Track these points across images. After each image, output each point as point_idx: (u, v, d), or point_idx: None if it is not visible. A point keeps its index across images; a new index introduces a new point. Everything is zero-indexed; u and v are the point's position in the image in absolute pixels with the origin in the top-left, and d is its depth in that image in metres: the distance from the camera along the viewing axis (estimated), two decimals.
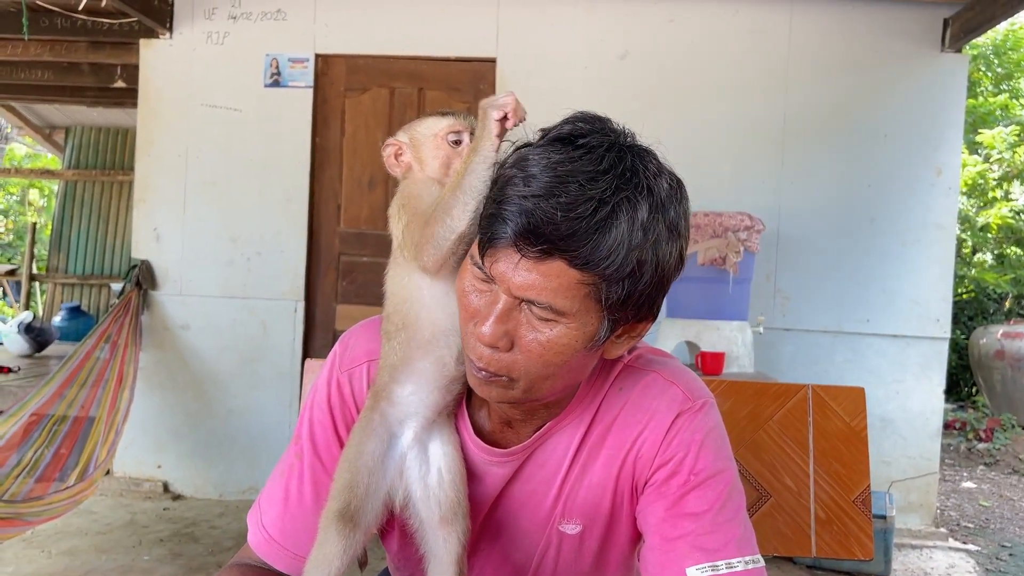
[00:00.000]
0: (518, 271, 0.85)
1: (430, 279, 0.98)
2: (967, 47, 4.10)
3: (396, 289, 1.01)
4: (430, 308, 0.99)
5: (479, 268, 0.88)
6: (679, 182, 0.91)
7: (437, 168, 1.02)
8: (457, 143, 1.01)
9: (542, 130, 0.90)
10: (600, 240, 0.82)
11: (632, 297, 0.87)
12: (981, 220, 8.78)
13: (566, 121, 0.90)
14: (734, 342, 3.43)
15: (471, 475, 1.06)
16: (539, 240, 0.82)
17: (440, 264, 0.95)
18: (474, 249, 0.90)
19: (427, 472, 1.01)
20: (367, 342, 1.09)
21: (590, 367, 0.98)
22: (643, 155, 0.88)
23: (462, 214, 0.92)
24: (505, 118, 0.91)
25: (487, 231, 0.86)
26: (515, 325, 0.89)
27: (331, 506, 0.98)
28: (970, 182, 8.65)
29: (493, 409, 1.05)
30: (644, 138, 0.93)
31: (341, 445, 1.05)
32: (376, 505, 0.99)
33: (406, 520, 1.03)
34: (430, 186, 1.01)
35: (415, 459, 1.02)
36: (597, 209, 0.82)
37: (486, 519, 1.09)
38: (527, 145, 0.89)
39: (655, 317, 0.95)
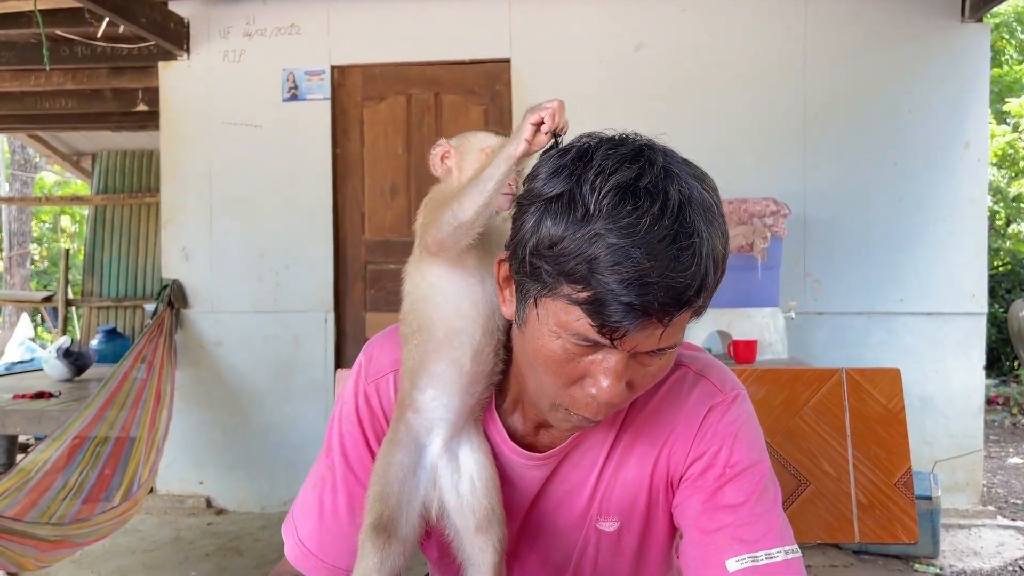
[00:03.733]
0: (654, 335, 0.84)
1: (445, 275, 0.97)
2: (988, 16, 4.03)
3: (411, 288, 1.01)
4: (442, 307, 0.98)
5: (595, 342, 0.84)
6: (703, 170, 0.90)
7: None
8: None
9: (568, 168, 0.84)
10: (707, 272, 0.82)
11: (707, 304, 0.87)
12: (1013, 190, 8.62)
13: (602, 169, 0.82)
14: (766, 329, 3.40)
15: (507, 480, 1.06)
16: (679, 306, 0.81)
17: (440, 246, 0.94)
18: (572, 323, 0.84)
19: (459, 480, 1.01)
20: (391, 351, 1.09)
21: None
22: (679, 165, 0.86)
23: (472, 202, 0.91)
24: (542, 122, 0.89)
25: (599, 322, 0.81)
26: (632, 372, 0.88)
27: (366, 520, 0.98)
28: (1000, 153, 8.50)
29: (527, 412, 1.04)
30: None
31: (372, 456, 1.06)
32: (412, 516, 0.99)
33: (443, 530, 1.03)
34: None
35: (446, 468, 1.01)
36: (699, 247, 0.80)
37: (524, 521, 1.09)
38: (585, 216, 0.81)
39: None
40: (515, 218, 0.88)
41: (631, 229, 0.78)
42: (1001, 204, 8.59)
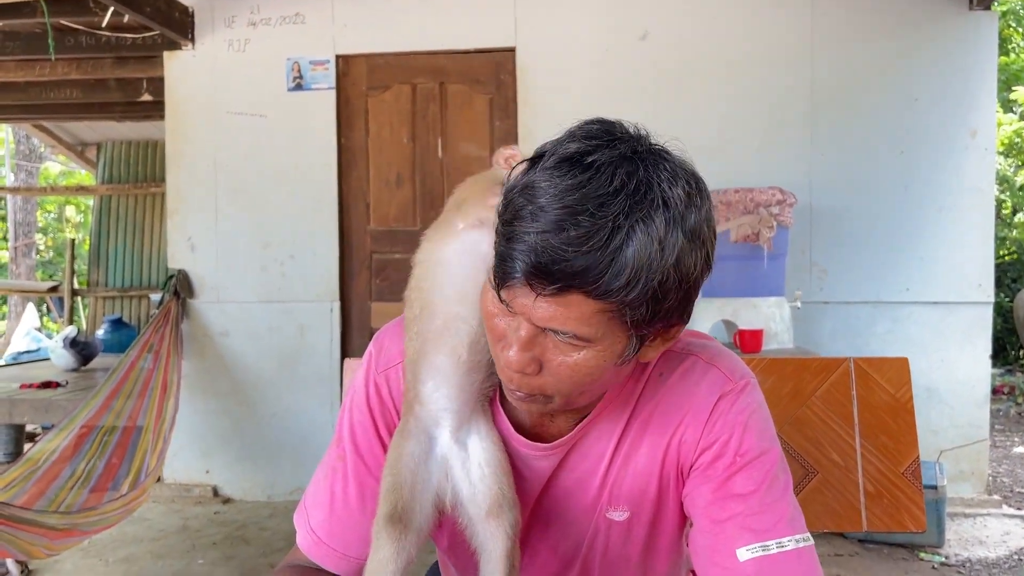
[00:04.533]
0: (537, 306, 0.83)
1: (457, 254, 0.97)
2: (996, 3, 4.00)
3: (422, 258, 1.01)
4: (445, 288, 0.97)
5: (499, 300, 0.87)
6: (697, 182, 0.87)
7: None
8: None
9: (550, 144, 0.86)
10: (617, 269, 0.78)
11: (659, 314, 0.84)
12: (1020, 180, 8.58)
13: (572, 136, 0.85)
14: (772, 318, 3.40)
15: (515, 470, 1.06)
16: (552, 278, 0.79)
17: (482, 223, 0.95)
18: (491, 278, 0.87)
19: (469, 469, 1.01)
20: (401, 341, 1.09)
21: (625, 373, 0.97)
22: (656, 162, 0.83)
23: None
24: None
25: (500, 269, 0.84)
26: (542, 350, 0.88)
27: (380, 511, 0.98)
28: (1006, 141, 8.47)
29: None
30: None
31: (384, 446, 1.06)
32: (425, 506, 0.99)
33: (456, 519, 1.03)
34: None
35: (457, 457, 1.01)
36: (610, 237, 0.77)
37: (533, 511, 1.09)
38: (533, 163, 0.85)
39: (687, 320, 0.91)
40: None
41: (548, 190, 0.79)
42: (1008, 193, 8.56)
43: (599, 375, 0.89)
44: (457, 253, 0.97)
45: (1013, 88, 8.36)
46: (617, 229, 0.78)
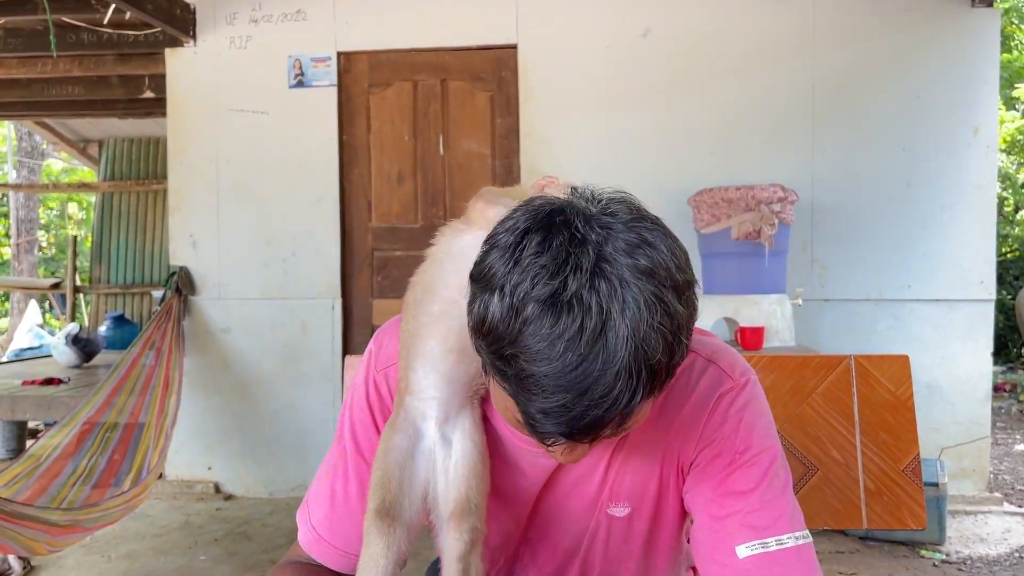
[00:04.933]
0: (587, 446, 0.85)
1: (474, 247, 0.91)
2: (998, 0, 3.99)
3: (427, 260, 1.01)
4: (449, 277, 0.96)
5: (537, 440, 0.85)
6: (656, 234, 0.80)
7: None
8: None
9: (499, 262, 0.79)
10: (641, 387, 0.77)
11: (678, 366, 0.83)
12: (1022, 177, 8.57)
13: (539, 277, 0.76)
14: (773, 316, 3.40)
15: (517, 467, 1.06)
16: (595, 432, 0.79)
17: (482, 212, 0.95)
18: (513, 410, 0.83)
19: (448, 467, 1.01)
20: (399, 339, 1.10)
21: None
22: (615, 250, 0.77)
23: None
24: None
25: (531, 429, 0.81)
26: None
27: (370, 506, 0.98)
28: (1008, 139, 8.46)
29: None
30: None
31: None
32: (415, 500, 0.99)
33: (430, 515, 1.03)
34: None
35: (440, 452, 1.01)
36: (628, 370, 0.75)
37: (535, 507, 1.10)
38: (493, 292, 0.79)
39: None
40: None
41: (548, 353, 0.75)
42: (1010, 191, 8.55)
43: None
44: (470, 246, 0.94)
45: (1015, 85, 8.35)
46: (629, 352, 0.75)
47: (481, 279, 0.81)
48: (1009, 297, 7.92)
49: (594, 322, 0.74)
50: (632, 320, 0.75)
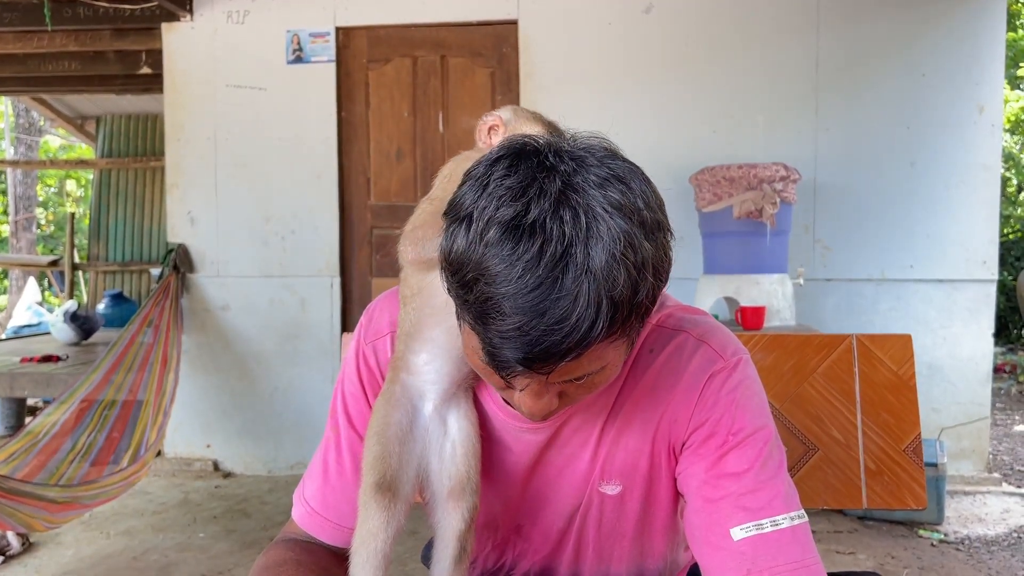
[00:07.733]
0: (545, 379, 0.83)
1: None
2: None
3: None
4: None
5: (497, 376, 0.84)
6: (630, 172, 0.81)
7: None
8: None
9: (470, 193, 0.79)
10: (604, 315, 0.76)
11: (649, 309, 0.83)
12: None
13: (497, 181, 0.78)
14: (774, 295, 3.38)
15: (505, 445, 1.06)
16: (553, 360, 0.78)
17: (411, 260, 0.97)
18: (478, 349, 0.82)
19: (443, 445, 1.01)
20: (390, 312, 1.09)
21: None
22: (581, 171, 0.79)
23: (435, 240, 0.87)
24: None
25: (491, 358, 0.80)
26: (555, 390, 0.87)
27: (367, 480, 0.98)
28: (1013, 119, 8.40)
29: None
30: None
31: None
32: (411, 475, 1.00)
33: (423, 492, 1.03)
34: None
35: (435, 431, 1.02)
36: (588, 294, 0.75)
37: (526, 484, 1.09)
38: (463, 222, 0.79)
39: (666, 281, 0.87)
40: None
41: (507, 273, 0.75)
42: (1013, 171, 8.51)
43: (610, 378, 0.90)
44: None
45: (1021, 64, 8.29)
46: (591, 280, 0.75)
47: (451, 211, 0.81)
48: (1010, 278, 7.90)
49: (554, 247, 0.75)
50: (595, 249, 0.75)
